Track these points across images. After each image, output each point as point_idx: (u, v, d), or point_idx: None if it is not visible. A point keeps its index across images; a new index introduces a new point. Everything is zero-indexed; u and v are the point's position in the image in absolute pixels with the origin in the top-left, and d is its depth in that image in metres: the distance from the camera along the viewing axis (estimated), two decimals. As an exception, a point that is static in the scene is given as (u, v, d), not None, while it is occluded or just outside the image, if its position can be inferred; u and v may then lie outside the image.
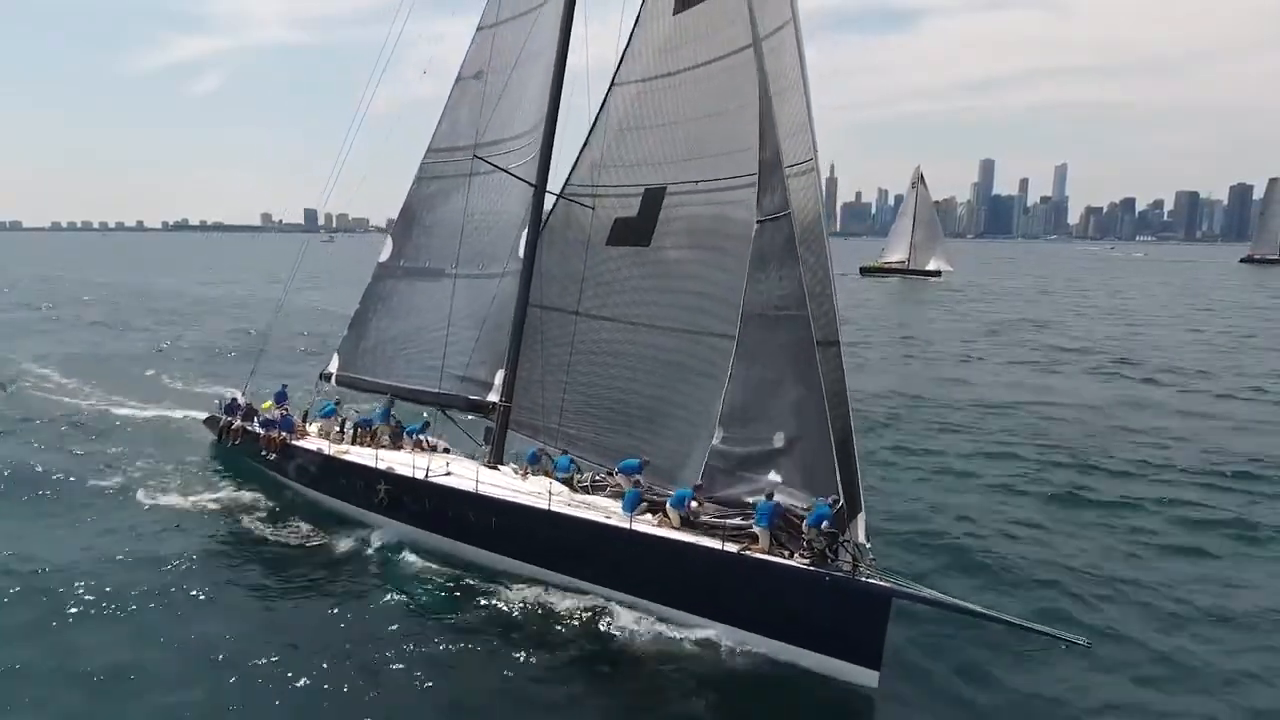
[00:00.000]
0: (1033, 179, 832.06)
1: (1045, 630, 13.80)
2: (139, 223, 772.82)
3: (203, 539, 20.21)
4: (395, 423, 23.41)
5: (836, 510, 14.80)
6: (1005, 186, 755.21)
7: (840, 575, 14.25)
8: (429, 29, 26.64)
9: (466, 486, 18.58)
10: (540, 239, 21.59)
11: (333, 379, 26.21)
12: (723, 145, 18.14)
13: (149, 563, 18.63)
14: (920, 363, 48.98)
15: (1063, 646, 14.10)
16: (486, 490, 18.27)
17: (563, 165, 21.42)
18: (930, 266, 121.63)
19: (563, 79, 21.32)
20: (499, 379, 21.81)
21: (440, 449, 22.52)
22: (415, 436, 22.44)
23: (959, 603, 14.24)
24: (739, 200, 17.66)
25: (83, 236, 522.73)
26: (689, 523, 16.40)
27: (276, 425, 23.63)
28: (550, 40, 21.65)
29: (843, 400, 16.35)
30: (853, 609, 13.99)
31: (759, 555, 15.13)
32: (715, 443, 16.81)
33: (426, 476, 19.35)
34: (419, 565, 18.71)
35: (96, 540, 19.83)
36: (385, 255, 26.37)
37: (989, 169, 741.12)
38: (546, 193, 21.56)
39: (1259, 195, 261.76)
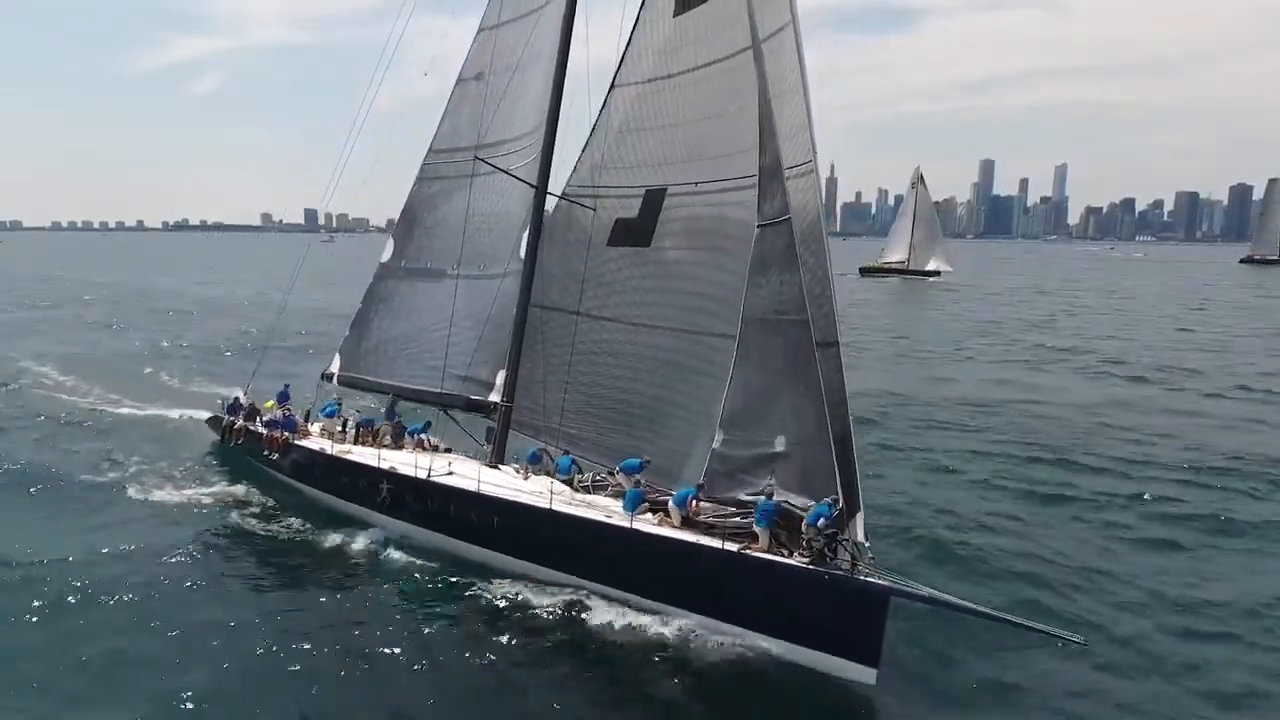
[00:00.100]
0: (1033, 179, 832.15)
1: (1042, 628, 13.90)
2: (139, 222, 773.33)
3: (205, 537, 20.33)
4: (396, 423, 23.56)
5: (836, 511, 14.90)
6: (1005, 186, 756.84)
7: (839, 574, 14.38)
8: (430, 29, 26.80)
9: (468, 486, 18.72)
10: (541, 240, 21.71)
11: (334, 379, 26.34)
12: (723, 147, 18.22)
13: (151, 557, 18.85)
14: (912, 361, 49.11)
15: (1059, 644, 14.24)
16: (488, 490, 18.39)
17: (563, 166, 21.57)
18: (930, 267, 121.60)
19: (563, 81, 21.42)
20: (500, 379, 21.92)
21: (441, 449, 22.66)
22: (417, 436, 22.57)
23: (956, 601, 14.32)
24: (739, 201, 17.76)
25: (83, 236, 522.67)
26: (690, 522, 16.53)
27: (279, 425, 23.78)
28: (551, 42, 21.75)
29: (842, 400, 16.48)
30: (851, 607, 14.11)
31: (759, 554, 15.26)
32: (715, 446, 16.90)
33: (429, 476, 19.47)
34: (419, 563, 18.82)
35: (99, 535, 20.00)
36: (387, 256, 26.49)
37: (989, 169, 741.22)
38: (547, 194, 21.68)
39: (1259, 195, 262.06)
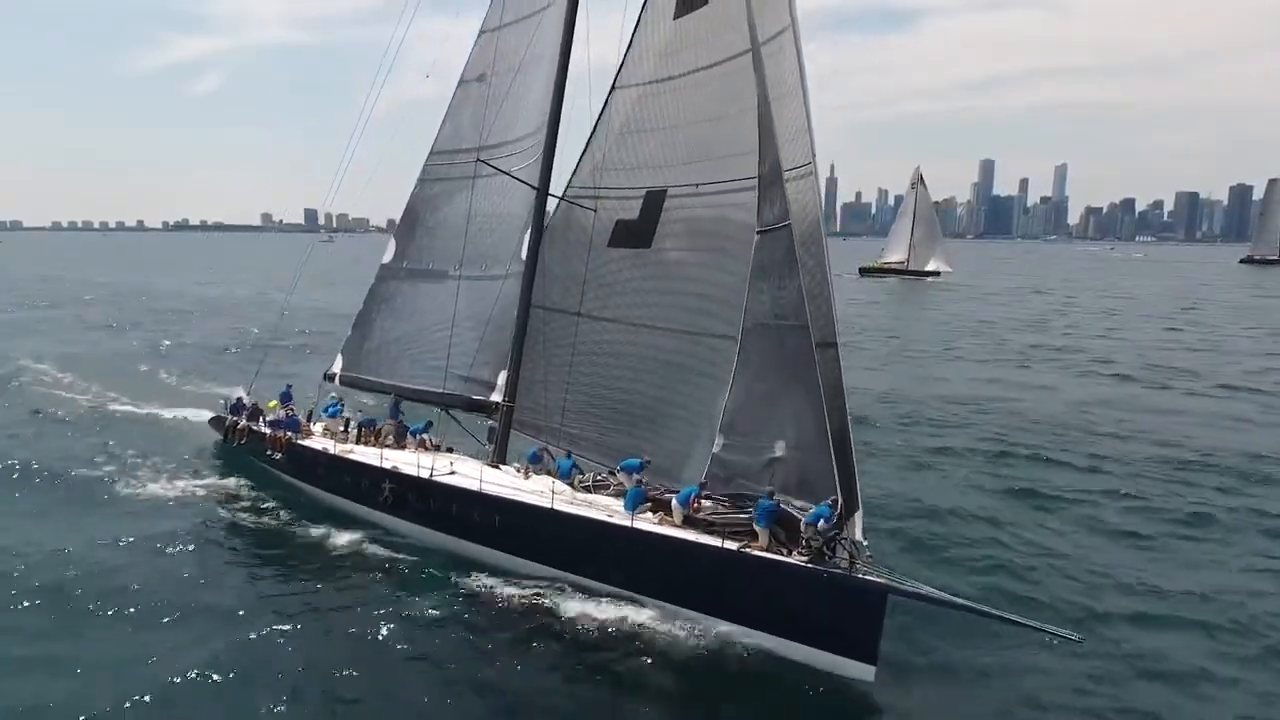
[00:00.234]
0: (1033, 179, 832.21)
1: (1036, 625, 14.03)
2: (139, 222, 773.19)
3: (205, 533, 20.54)
4: (399, 422, 23.70)
5: (836, 512, 15.05)
6: (1005, 187, 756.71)
7: (837, 572, 14.53)
8: (431, 31, 26.91)
9: (470, 485, 18.87)
10: (542, 241, 21.86)
11: (337, 379, 26.48)
12: (723, 149, 18.34)
13: (150, 551, 19.24)
14: (905, 360, 49.29)
15: (1054, 641, 14.39)
16: (490, 489, 18.54)
17: (564, 167, 21.68)
18: (929, 267, 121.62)
19: (565, 83, 21.53)
20: (502, 379, 22.06)
21: (443, 449, 22.79)
22: (419, 436, 22.71)
23: (953, 599, 14.48)
24: (739, 203, 17.88)
25: (83, 236, 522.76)
26: (691, 520, 16.67)
27: (282, 425, 23.93)
28: (553, 44, 21.86)
29: (840, 400, 16.62)
30: (850, 605, 14.25)
31: (758, 553, 15.41)
32: (716, 450, 17.04)
33: (431, 475, 19.62)
34: (420, 562, 18.95)
35: (99, 528, 20.46)
36: (388, 257, 26.61)
37: (989, 169, 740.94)
38: (549, 195, 21.81)
39: (1259, 195, 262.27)
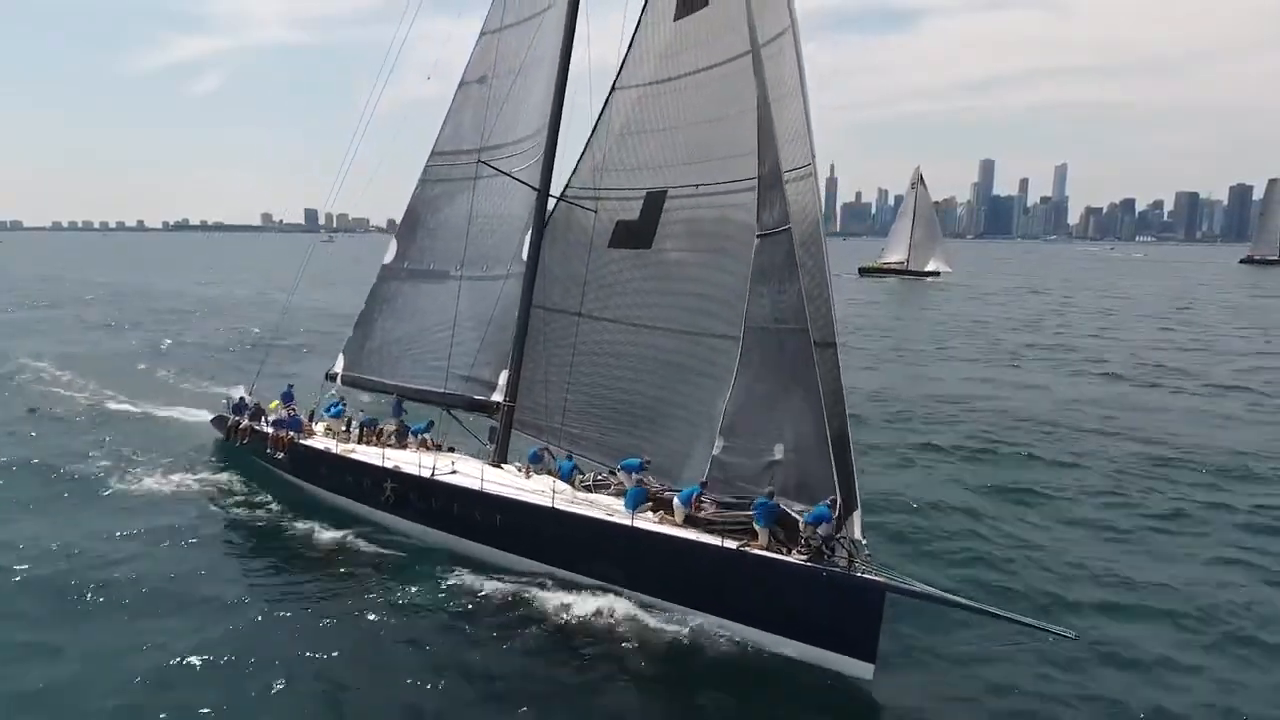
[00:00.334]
0: (1033, 179, 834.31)
1: (1033, 623, 14.12)
2: (139, 222, 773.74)
3: (204, 530, 20.69)
4: (400, 422, 23.80)
5: (836, 512, 15.15)
6: (1005, 187, 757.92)
7: (836, 571, 14.63)
8: (431, 33, 27.01)
9: (471, 485, 18.97)
10: (543, 242, 21.94)
11: (338, 379, 26.57)
12: (723, 150, 18.40)
13: (150, 548, 19.40)
14: (898, 360, 49.39)
15: (1050, 638, 14.47)
16: (491, 488, 18.64)
17: (565, 168, 21.74)
18: (929, 267, 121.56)
19: (565, 85, 21.60)
20: (503, 379, 22.16)
21: (445, 449, 22.89)
22: (421, 436, 22.81)
23: (953, 597, 14.61)
24: (739, 204, 17.95)
25: (83, 236, 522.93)
26: (692, 519, 16.77)
27: (285, 424, 24.02)
28: (554, 46, 21.91)
29: (839, 400, 16.71)
30: (849, 603, 14.35)
31: (758, 551, 15.50)
32: (716, 453, 17.12)
33: (432, 475, 19.73)
34: (412, 557, 19.09)
35: (100, 524, 20.68)
36: (390, 257, 26.67)
37: (989, 169, 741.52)
38: (549, 196, 21.91)
39: (1259, 195, 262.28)
